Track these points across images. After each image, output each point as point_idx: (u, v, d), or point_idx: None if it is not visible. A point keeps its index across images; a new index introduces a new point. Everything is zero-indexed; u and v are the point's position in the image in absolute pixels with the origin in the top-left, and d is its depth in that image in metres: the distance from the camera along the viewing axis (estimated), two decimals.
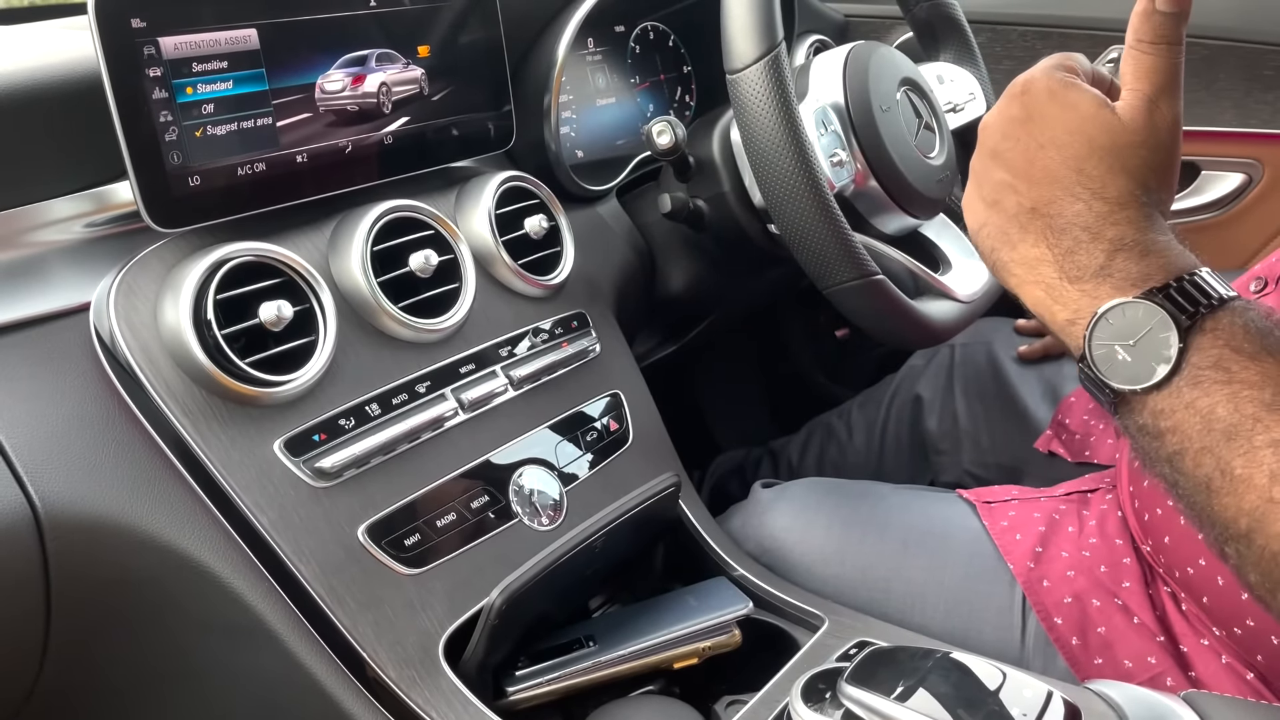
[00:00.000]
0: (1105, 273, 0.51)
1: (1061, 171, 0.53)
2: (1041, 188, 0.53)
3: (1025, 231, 0.54)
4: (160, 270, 0.68)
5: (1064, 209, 0.52)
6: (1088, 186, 0.52)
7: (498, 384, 0.80)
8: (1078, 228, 0.52)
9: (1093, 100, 0.54)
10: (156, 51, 0.65)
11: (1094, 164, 0.53)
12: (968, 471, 1.14)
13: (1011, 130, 0.55)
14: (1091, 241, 0.51)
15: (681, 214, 0.96)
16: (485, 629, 0.68)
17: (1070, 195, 0.52)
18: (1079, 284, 0.51)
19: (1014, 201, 0.54)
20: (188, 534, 0.65)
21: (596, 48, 1.11)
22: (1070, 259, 0.52)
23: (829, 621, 0.78)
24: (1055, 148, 0.53)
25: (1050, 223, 0.53)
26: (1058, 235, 0.52)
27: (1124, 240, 0.51)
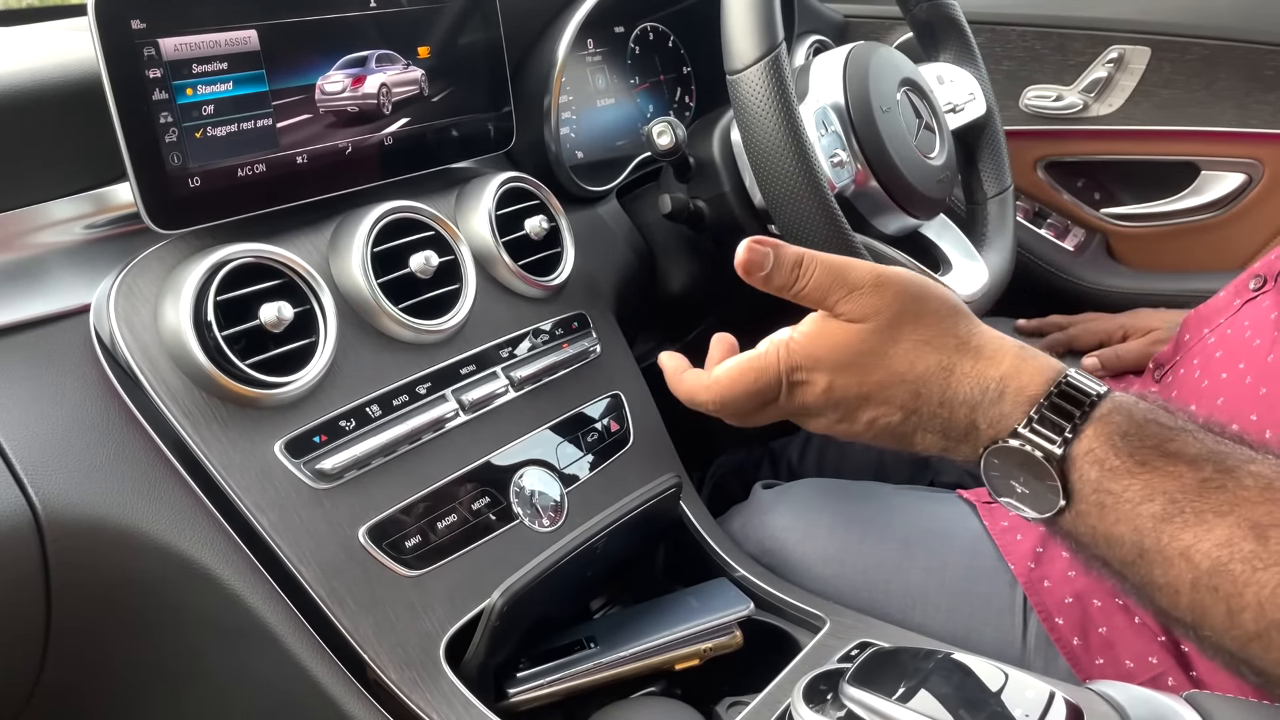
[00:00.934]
0: (972, 429, 0.53)
1: (889, 397, 0.56)
2: (894, 410, 0.56)
3: (911, 436, 0.57)
4: (160, 272, 0.68)
5: (921, 407, 0.55)
6: (914, 385, 0.55)
7: (498, 385, 0.80)
8: (934, 407, 0.55)
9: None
10: (156, 53, 0.65)
11: (895, 369, 0.56)
12: (968, 472, 1.14)
13: (830, 401, 0.58)
14: (949, 410, 0.54)
15: (682, 215, 0.96)
16: (486, 630, 0.68)
17: (911, 399, 0.56)
18: (965, 443, 0.54)
19: (883, 424, 0.57)
20: (188, 536, 0.65)
21: (596, 48, 1.11)
22: (949, 432, 0.55)
23: (830, 622, 0.77)
24: (870, 403, 0.57)
25: (919, 421, 0.56)
26: (929, 424, 0.55)
27: (971, 395, 0.54)
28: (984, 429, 0.53)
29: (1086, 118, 1.33)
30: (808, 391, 0.58)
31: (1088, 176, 1.39)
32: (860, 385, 0.57)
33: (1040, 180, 1.39)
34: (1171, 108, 1.28)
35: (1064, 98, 1.33)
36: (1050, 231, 1.39)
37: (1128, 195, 1.38)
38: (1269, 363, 0.71)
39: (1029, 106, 1.36)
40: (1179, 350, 0.88)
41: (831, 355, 0.57)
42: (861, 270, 0.56)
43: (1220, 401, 0.73)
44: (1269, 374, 0.70)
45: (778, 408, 0.60)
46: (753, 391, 0.60)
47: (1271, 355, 0.71)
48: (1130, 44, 1.27)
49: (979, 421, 0.53)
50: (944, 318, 0.55)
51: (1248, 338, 0.75)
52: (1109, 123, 1.32)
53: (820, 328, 0.57)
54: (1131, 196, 1.37)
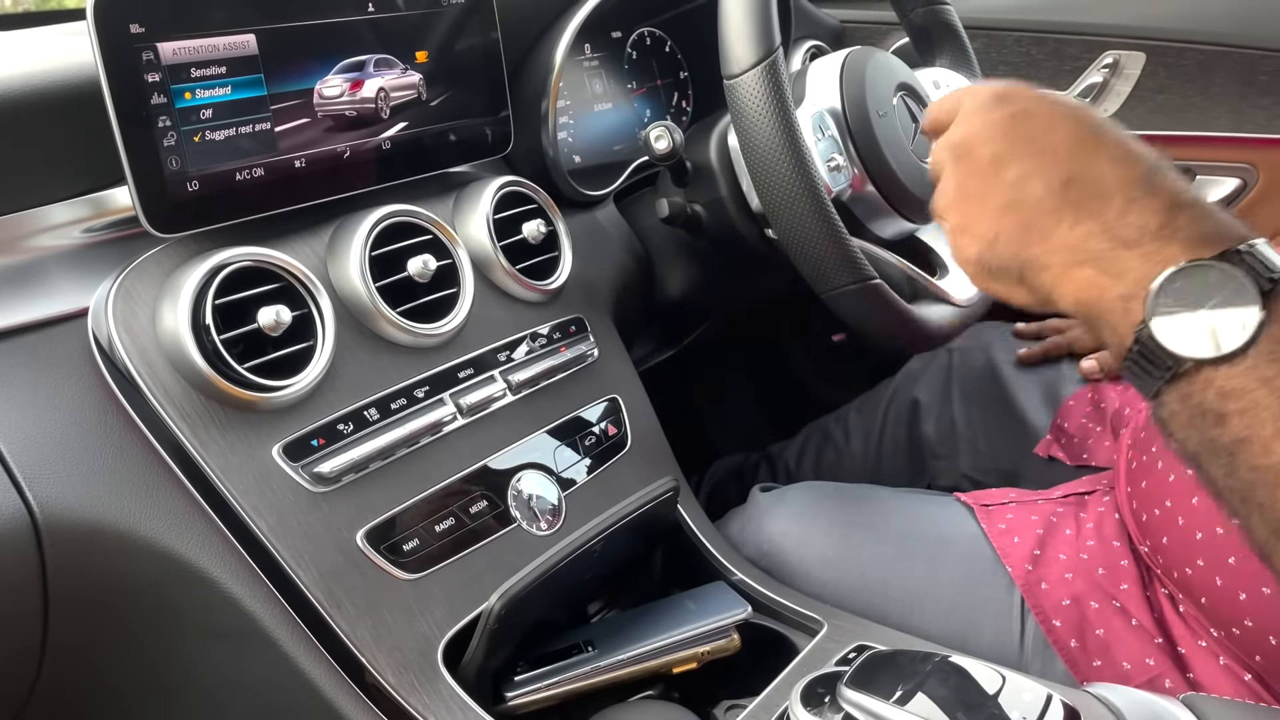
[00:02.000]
0: (1168, 231, 0.45)
1: (1085, 137, 0.50)
2: (1070, 159, 0.49)
3: (1060, 212, 0.49)
4: (159, 275, 0.68)
5: (1104, 171, 0.48)
6: (1116, 152, 0.49)
7: (496, 389, 0.80)
8: (1127, 183, 0.47)
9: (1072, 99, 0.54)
10: (155, 57, 0.65)
11: (1109, 134, 0.50)
12: (965, 475, 1.14)
13: (1006, 128, 0.53)
14: (1146, 195, 0.47)
15: (679, 219, 0.96)
16: (484, 634, 0.68)
17: (1105, 157, 0.49)
18: (1137, 247, 0.46)
19: (1039, 185, 0.50)
20: (186, 539, 0.65)
21: (594, 53, 1.11)
22: (1124, 221, 0.47)
23: (828, 625, 0.78)
24: (1067, 124, 0.51)
25: (1091, 189, 0.48)
26: (1104, 200, 0.48)
27: (1181, 196, 0.46)
28: (1182, 235, 0.45)
29: None
30: (971, 118, 0.54)
31: None
32: (1025, 129, 0.52)
33: None
34: (1166, 113, 1.28)
35: None
36: None
37: None
38: None
39: None
40: None
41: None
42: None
43: None
44: None
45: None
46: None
47: None
48: (1125, 49, 1.28)
49: (1176, 225, 0.45)
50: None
51: None
52: None
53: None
54: None
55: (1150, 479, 0.79)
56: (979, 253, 0.53)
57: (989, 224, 0.52)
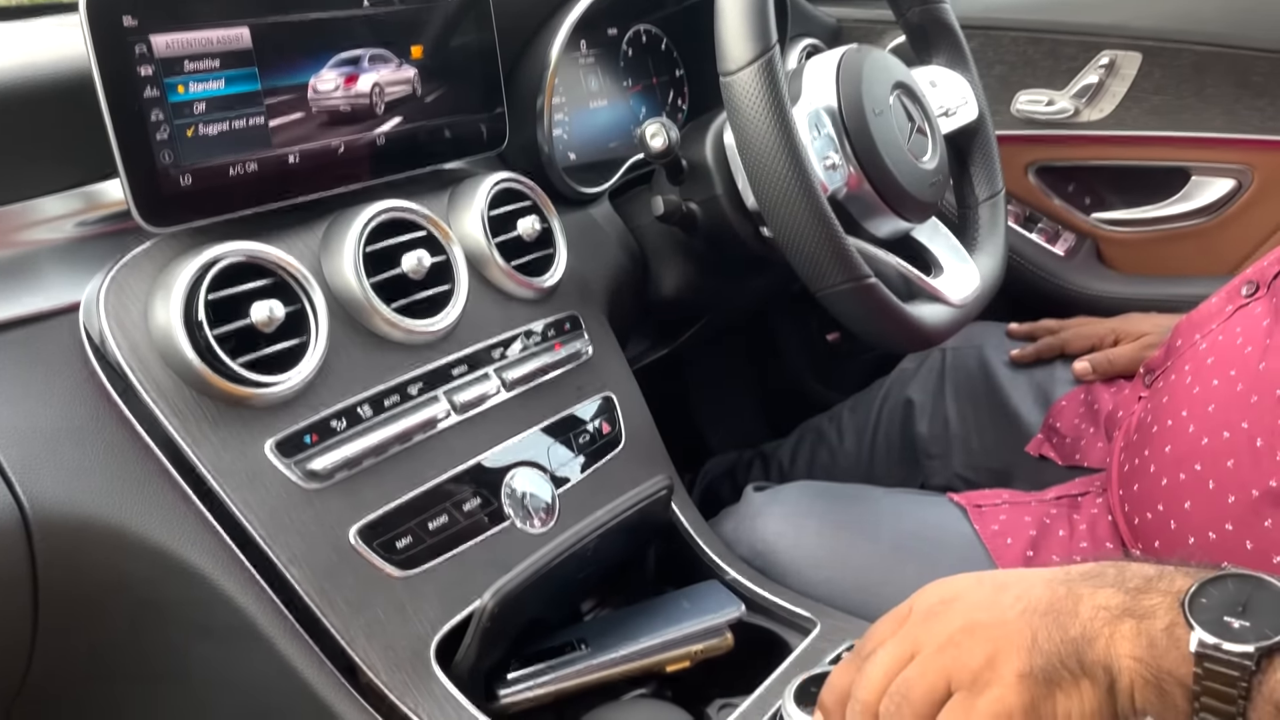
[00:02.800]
0: (1163, 574, 0.48)
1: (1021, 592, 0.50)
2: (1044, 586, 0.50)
3: (1074, 596, 0.48)
4: (151, 270, 0.68)
5: (1086, 573, 0.50)
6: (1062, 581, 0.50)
7: (490, 386, 0.80)
8: (1106, 570, 0.49)
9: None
10: (148, 50, 0.65)
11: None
12: (958, 475, 1.15)
13: (939, 611, 0.52)
14: (1128, 569, 0.49)
15: (674, 217, 0.95)
16: (477, 632, 0.68)
17: (1048, 583, 0.50)
18: (1153, 590, 0.47)
19: (1043, 586, 0.50)
20: (178, 536, 0.65)
21: (589, 50, 1.11)
22: (1125, 581, 0.48)
23: (821, 625, 0.78)
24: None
25: (1085, 578, 0.49)
26: (1100, 577, 0.49)
27: (1156, 567, 0.49)
28: (1177, 574, 0.47)
29: (1078, 123, 1.33)
30: (936, 606, 0.52)
31: (1078, 181, 1.39)
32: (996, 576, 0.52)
33: (1031, 185, 1.39)
34: (1162, 113, 1.28)
35: (1055, 103, 1.34)
36: (1041, 236, 1.40)
37: (1118, 200, 1.38)
38: (1260, 370, 0.71)
39: (1020, 111, 1.36)
40: (1170, 355, 0.88)
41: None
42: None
43: (1211, 408, 0.74)
44: (1260, 381, 0.71)
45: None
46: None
47: (1263, 363, 0.72)
48: (1121, 50, 1.28)
49: (1168, 569, 0.48)
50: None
51: (1239, 344, 0.76)
52: (1100, 128, 1.32)
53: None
54: (1122, 202, 1.38)
55: (1143, 482, 0.79)
56: (1026, 662, 0.48)
57: (1015, 632, 0.49)
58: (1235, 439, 0.71)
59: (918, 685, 0.49)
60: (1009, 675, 0.47)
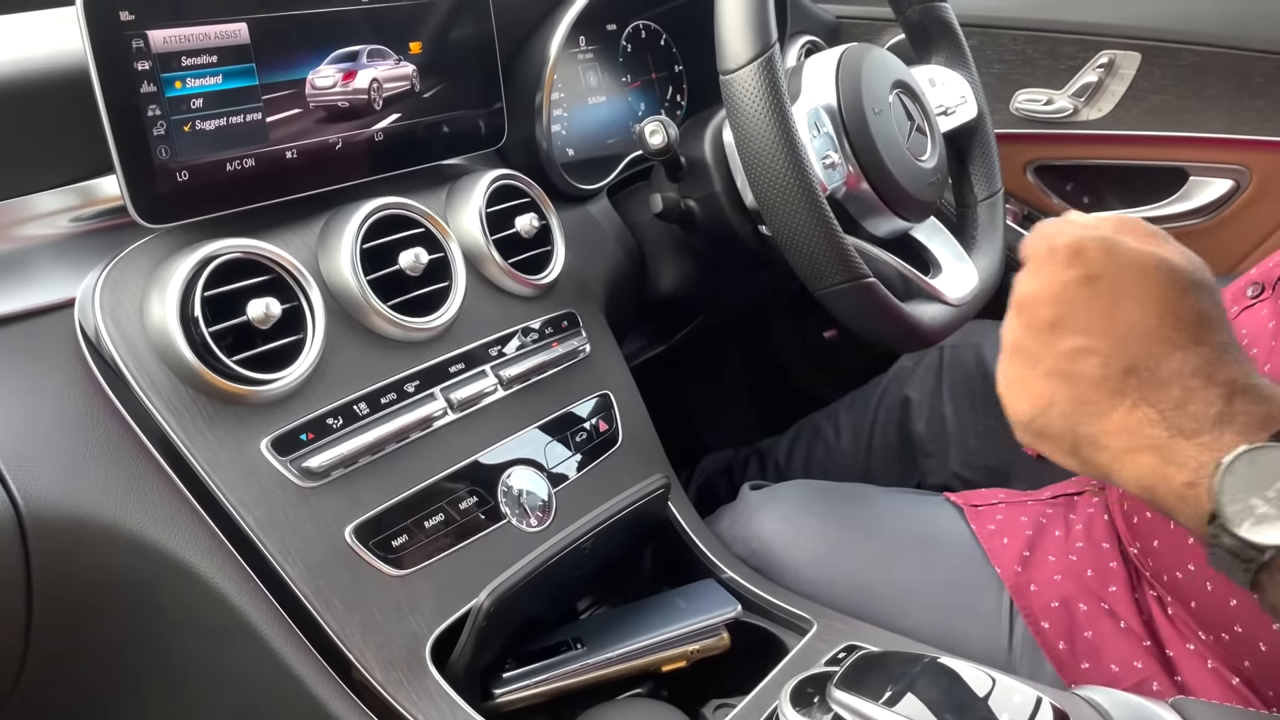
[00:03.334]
0: (1225, 419, 0.46)
1: (1151, 322, 0.49)
2: (1132, 342, 0.49)
3: (1119, 395, 0.48)
4: (147, 266, 0.67)
5: (1164, 361, 0.48)
6: (1182, 332, 0.48)
7: (487, 384, 0.80)
8: (1185, 375, 0.47)
9: (1152, 251, 0.51)
10: (145, 45, 0.64)
11: (1183, 310, 0.49)
12: (955, 473, 1.14)
13: (1071, 294, 0.51)
14: (1204, 387, 0.47)
15: (673, 214, 0.95)
16: (473, 631, 0.68)
17: (1168, 344, 0.48)
18: (1196, 438, 0.46)
19: (1095, 364, 0.49)
20: (172, 534, 0.65)
21: (588, 46, 1.11)
22: (1181, 412, 0.47)
23: (817, 625, 0.78)
24: (1134, 301, 0.49)
25: (1150, 378, 0.48)
26: (1161, 389, 0.48)
27: (1238, 383, 0.47)
28: (1239, 421, 0.45)
29: (1076, 122, 1.33)
30: (1038, 274, 0.53)
31: (1077, 181, 1.39)
32: (1090, 299, 0.50)
33: (1030, 184, 1.39)
34: (1161, 113, 1.28)
35: (1054, 102, 1.33)
36: None
37: (1117, 200, 1.38)
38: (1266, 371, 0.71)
39: (1020, 110, 1.36)
40: None
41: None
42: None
43: None
44: None
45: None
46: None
47: (1269, 364, 0.71)
48: (1121, 49, 1.28)
49: (1234, 413, 0.46)
50: (1226, 321, 0.50)
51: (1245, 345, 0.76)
52: (1099, 127, 1.32)
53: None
54: (1120, 201, 1.38)
55: None
56: (1030, 415, 0.53)
57: (1041, 389, 0.52)
58: None
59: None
60: (1009, 409, 0.54)
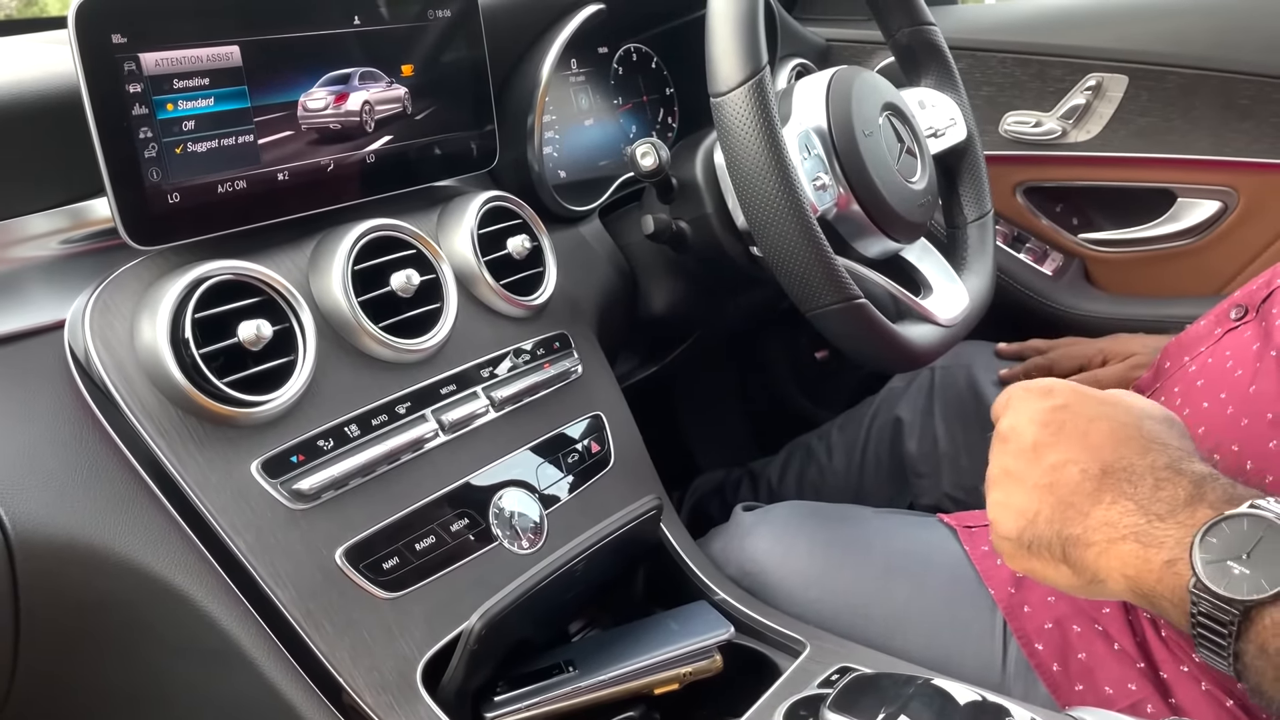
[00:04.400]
0: (1197, 499, 0.51)
1: (1123, 432, 0.55)
2: (1107, 450, 0.55)
3: (1098, 494, 0.54)
4: (137, 288, 0.67)
5: (1136, 459, 0.54)
6: (1153, 439, 0.55)
7: (479, 405, 0.79)
8: (1158, 468, 0.53)
9: (1113, 392, 0.59)
10: (137, 67, 0.64)
11: (1148, 422, 0.56)
12: (947, 494, 1.14)
13: (1047, 419, 0.58)
14: (1175, 477, 0.52)
15: (664, 235, 0.96)
16: (464, 654, 0.67)
17: (1140, 448, 0.54)
18: (1172, 518, 0.51)
19: (1077, 472, 0.55)
20: (162, 557, 0.64)
21: (580, 69, 1.11)
22: (1156, 499, 0.52)
23: (810, 646, 0.77)
24: (1106, 419, 0.56)
25: (1125, 474, 0.53)
26: (1136, 483, 0.53)
27: (1205, 474, 0.52)
28: (1210, 498, 0.50)
29: (1065, 144, 1.34)
30: (1017, 410, 0.60)
31: (1066, 202, 1.40)
32: (1065, 421, 0.57)
33: (1019, 205, 1.40)
34: (1148, 135, 1.29)
35: (1043, 124, 1.35)
36: (1029, 256, 1.40)
37: (1105, 221, 1.39)
38: (1250, 393, 0.71)
39: (1008, 132, 1.37)
40: (1159, 377, 0.89)
41: (1065, 389, 0.60)
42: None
43: (1201, 431, 0.74)
44: (1250, 405, 0.71)
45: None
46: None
47: (1253, 386, 0.72)
48: (1108, 72, 1.29)
49: (1204, 494, 0.51)
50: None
51: (1229, 368, 0.76)
52: (1087, 149, 1.33)
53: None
54: (1109, 222, 1.39)
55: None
56: (1019, 529, 0.57)
57: (1027, 501, 0.57)
58: (1226, 462, 0.71)
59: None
60: (999, 532, 0.58)
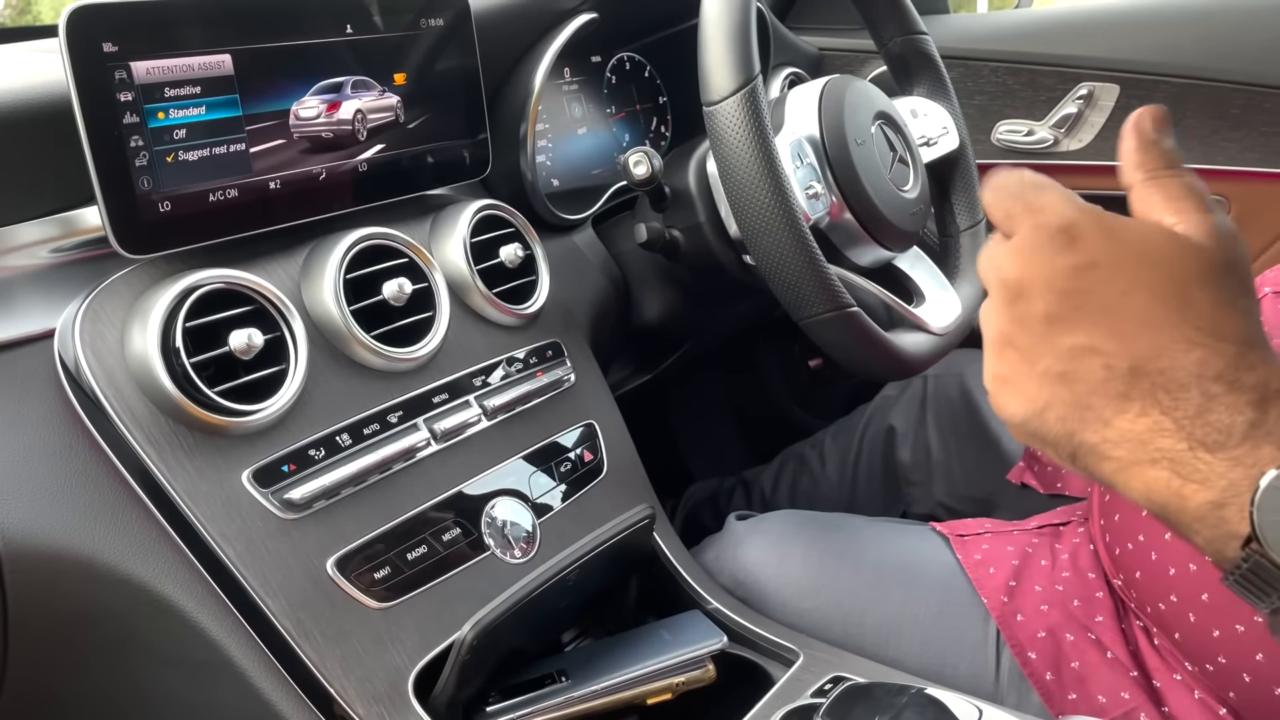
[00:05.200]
0: (1259, 432, 0.40)
1: (1161, 314, 0.42)
2: (1140, 339, 0.42)
3: (1124, 400, 0.42)
4: (128, 297, 0.67)
5: (1179, 359, 0.41)
6: (1200, 326, 0.41)
7: (471, 414, 0.79)
8: (1207, 378, 0.40)
9: (1161, 228, 0.44)
10: (128, 76, 0.64)
11: (1198, 297, 0.42)
12: (940, 503, 1.14)
13: (1068, 284, 0.43)
14: (1229, 393, 0.40)
15: (657, 244, 0.95)
16: (456, 664, 0.67)
17: (1183, 341, 0.41)
18: (1223, 450, 0.40)
19: (1098, 365, 0.42)
20: (151, 567, 0.64)
21: (573, 77, 1.11)
22: (1202, 421, 0.40)
23: (804, 656, 0.77)
24: (1142, 288, 0.42)
25: (1162, 380, 0.41)
26: (1176, 394, 0.41)
27: (1272, 388, 0.40)
28: (1278, 432, 0.39)
29: (1057, 153, 1.34)
30: (1028, 261, 0.44)
31: None
32: (1090, 289, 0.43)
33: None
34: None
35: (1035, 133, 1.35)
36: None
37: None
38: None
39: (1001, 141, 1.37)
40: None
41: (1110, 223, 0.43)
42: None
43: None
44: None
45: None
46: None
47: None
48: (1100, 81, 1.29)
49: (1270, 422, 0.39)
50: (1256, 303, 0.43)
51: None
52: (1079, 158, 1.33)
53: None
54: None
55: (1123, 513, 0.79)
56: (1024, 417, 0.45)
57: (1036, 390, 0.44)
58: None
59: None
60: (1000, 409, 0.46)
